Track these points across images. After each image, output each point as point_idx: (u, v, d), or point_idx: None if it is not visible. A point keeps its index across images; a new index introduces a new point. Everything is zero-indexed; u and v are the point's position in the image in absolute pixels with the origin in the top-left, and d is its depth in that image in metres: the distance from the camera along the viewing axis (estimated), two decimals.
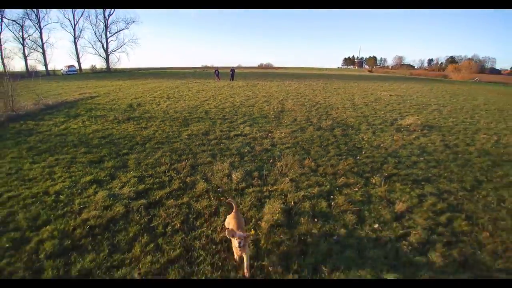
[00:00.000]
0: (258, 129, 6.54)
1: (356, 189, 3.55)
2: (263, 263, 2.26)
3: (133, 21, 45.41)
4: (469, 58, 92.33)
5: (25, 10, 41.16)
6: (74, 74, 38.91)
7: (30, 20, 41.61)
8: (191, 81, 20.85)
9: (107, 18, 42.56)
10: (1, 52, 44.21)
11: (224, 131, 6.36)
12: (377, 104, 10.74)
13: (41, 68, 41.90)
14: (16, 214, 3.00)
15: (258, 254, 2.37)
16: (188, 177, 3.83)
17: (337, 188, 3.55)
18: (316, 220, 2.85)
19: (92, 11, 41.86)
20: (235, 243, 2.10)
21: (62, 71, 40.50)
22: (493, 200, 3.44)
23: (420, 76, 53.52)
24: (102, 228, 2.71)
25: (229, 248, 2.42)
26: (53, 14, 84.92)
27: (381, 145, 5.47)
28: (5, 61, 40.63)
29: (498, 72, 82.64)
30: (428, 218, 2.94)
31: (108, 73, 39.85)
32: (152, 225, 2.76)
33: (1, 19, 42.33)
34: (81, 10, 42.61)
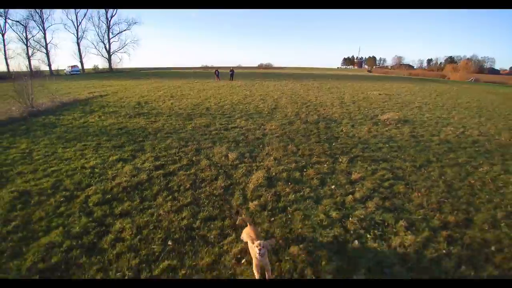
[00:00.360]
0: (252, 122, 7.56)
1: (325, 165, 4.56)
2: (249, 206, 3.28)
3: (135, 22, 46.49)
4: (468, 58, 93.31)
5: (29, 12, 42.27)
6: (77, 74, 40.01)
7: (34, 21, 42.73)
8: (192, 81, 21.89)
9: (109, 19, 43.69)
10: (5, 53, 45.36)
11: (223, 124, 7.38)
12: (364, 102, 11.76)
13: (44, 68, 43.03)
14: (63, 181, 4.01)
15: (245, 201, 3.39)
16: (194, 157, 4.86)
17: (310, 164, 4.56)
18: (289, 183, 3.87)
19: (95, 12, 42.99)
20: (254, 250, 2.02)
21: (65, 71, 41.60)
22: (435, 175, 4.43)
23: (418, 76, 54.50)
24: (132, 188, 3.73)
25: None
26: (57, 16, 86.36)
27: (356, 135, 6.49)
28: (11, 61, 41.78)
29: (497, 72, 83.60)
30: (375, 184, 3.95)
31: (110, 73, 40.96)
32: (169, 185, 3.78)
33: (5, 20, 43.47)
34: (84, 11, 43.73)
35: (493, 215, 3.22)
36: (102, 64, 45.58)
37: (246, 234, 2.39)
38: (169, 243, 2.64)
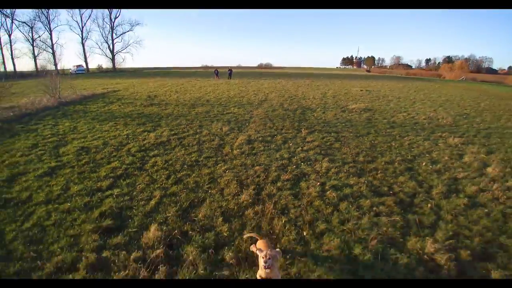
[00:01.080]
0: (243, 110, 9.49)
1: (290, 134, 6.49)
2: (233, 152, 5.21)
3: (138, 24, 48.55)
4: (466, 58, 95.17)
5: (36, 13, 44.33)
6: (82, 73, 42.09)
7: (41, 22, 44.81)
8: (193, 80, 23.86)
9: (113, 20, 45.76)
10: (12, 53, 47.46)
11: (219, 111, 9.32)
12: (343, 96, 13.69)
13: (51, 67, 45.07)
14: (109, 141, 5.93)
15: (232, 150, 5.33)
16: (197, 129, 6.79)
17: (280, 134, 6.49)
18: (262, 142, 5.80)
19: (100, 14, 45.01)
20: (261, 261, 1.95)
21: (71, 70, 43.64)
22: (367, 140, 6.33)
23: (415, 75, 56.46)
24: (157, 144, 5.66)
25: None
26: (63, 17, 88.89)
27: (322, 118, 8.42)
28: (17, 60, 43.73)
29: (495, 71, 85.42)
30: (320, 143, 5.87)
31: (114, 72, 42.95)
32: (182, 143, 5.72)
33: (12, 20, 45.57)
34: (89, 13, 45.79)
35: (393, 159, 5.11)
36: (106, 63, 47.65)
37: (256, 247, 2.21)
38: (185, 166, 4.57)
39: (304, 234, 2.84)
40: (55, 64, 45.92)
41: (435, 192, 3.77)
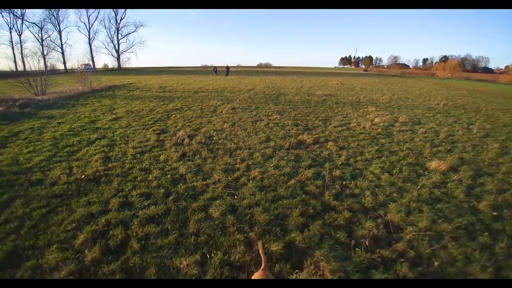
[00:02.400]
0: (233, 94, 12.85)
1: (263, 106, 9.83)
2: (222, 115, 8.57)
3: (142, 25, 52.14)
4: (462, 58, 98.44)
5: (47, 14, 47.83)
6: (91, 71, 45.58)
7: (51, 23, 48.32)
8: (195, 76, 27.26)
9: (118, 22, 49.26)
10: (22, 52, 51.02)
11: (216, 95, 12.67)
12: (317, 87, 17.02)
13: (60, 66, 48.59)
14: (142, 109, 9.26)
15: (221, 114, 8.70)
16: (200, 103, 10.15)
17: (256, 106, 9.84)
18: (242, 110, 9.15)
19: (106, 15, 48.42)
20: None
21: (78, 68, 47.16)
22: (310, 111, 9.65)
23: (410, 74, 59.92)
24: (176, 109, 9.02)
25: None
26: (71, 18, 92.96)
27: (291, 99, 11.75)
28: (27, 59, 47.16)
29: (491, 71, 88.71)
30: (279, 110, 9.20)
31: (120, 71, 46.42)
32: (191, 109, 9.09)
33: (22, 21, 49.14)
34: (96, 14, 49.26)
35: (319, 115, 8.42)
36: (111, 63, 51.11)
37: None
38: (193, 117, 7.91)
39: (249, 131, 6.16)
40: (64, 63, 49.51)
41: (330, 126, 7.10)
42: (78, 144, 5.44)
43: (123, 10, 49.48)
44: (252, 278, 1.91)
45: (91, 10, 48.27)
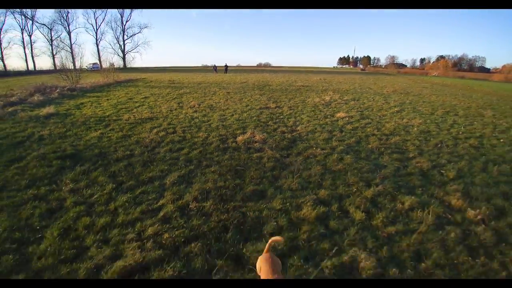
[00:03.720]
0: (229, 84, 16.41)
1: (252, 92, 13.37)
2: (219, 95, 12.12)
3: (146, 26, 55.92)
4: (459, 57, 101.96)
5: (57, 15, 51.56)
6: (97, 69, 49.28)
7: (61, 24, 52.09)
8: (196, 73, 30.87)
9: (124, 23, 53.05)
10: (32, 51, 54.82)
11: (215, 85, 16.23)
12: (300, 81, 20.56)
13: (69, 65, 52.30)
14: (162, 93, 12.81)
15: (219, 94, 12.26)
16: (203, 90, 13.71)
17: (244, 92, 13.38)
18: (234, 93, 12.69)
19: (112, 17, 52.11)
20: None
21: (86, 67, 50.84)
22: (286, 94, 13.17)
23: (406, 73, 63.64)
24: (185, 93, 12.58)
25: None
26: (80, 20, 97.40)
27: (274, 88, 15.29)
28: (33, 58, 50.81)
29: (487, 70, 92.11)
30: (262, 95, 12.73)
31: (126, 69, 50.12)
32: (196, 92, 12.65)
33: (32, 22, 52.94)
34: (102, 16, 52.99)
35: (291, 98, 11.93)
36: (117, 63, 54.84)
37: (260, 266, 1.88)
38: (199, 97, 11.45)
39: (236, 102, 9.68)
40: (73, 62, 53.20)
41: (291, 101, 10.61)
42: (129, 107, 8.98)
43: (128, 12, 53.27)
44: (258, 260, 1.92)
45: (98, 13, 52.07)
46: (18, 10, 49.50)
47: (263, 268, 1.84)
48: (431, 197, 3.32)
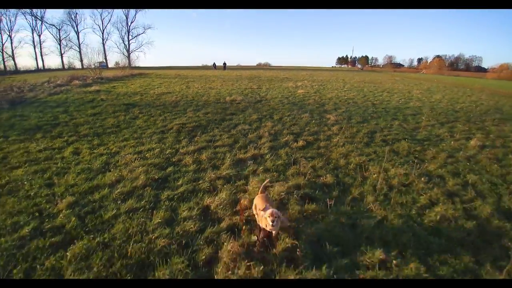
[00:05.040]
0: (226, 77, 20.05)
1: (243, 82, 17.00)
2: (217, 83, 15.75)
3: (149, 27, 59.70)
4: (456, 57, 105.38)
5: (67, 16, 55.26)
6: (104, 68, 53.07)
7: (70, 25, 55.85)
8: (197, 70, 34.58)
9: (129, 24, 56.86)
10: (41, 51, 58.61)
11: (214, 77, 19.88)
12: (287, 76, 24.16)
13: (77, 63, 56.15)
14: (172, 80, 16.46)
15: (217, 82, 15.91)
16: (204, 80, 17.36)
17: (238, 82, 17.01)
18: (229, 83, 16.33)
19: (118, 18, 55.82)
20: (267, 220, 2.10)
21: (94, 65, 54.63)
22: (269, 82, 16.78)
23: (402, 72, 67.32)
24: (192, 81, 16.23)
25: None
26: (88, 21, 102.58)
27: (261, 79, 18.93)
28: (42, 57, 54.47)
29: (484, 70, 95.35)
30: (251, 82, 16.35)
31: (130, 68, 53.91)
32: (199, 81, 16.31)
33: (41, 22, 56.71)
34: (108, 18, 56.80)
35: (273, 85, 15.54)
36: (121, 61, 58.67)
37: (256, 203, 2.39)
38: (203, 83, 15.08)
39: (229, 85, 13.30)
40: (81, 61, 57.04)
41: (271, 85, 14.22)
42: (151, 88, 12.60)
43: (133, 14, 57.09)
44: (254, 199, 2.50)
45: (104, 14, 55.87)
46: (29, 11, 53.22)
47: (258, 204, 2.37)
48: (319, 115, 6.92)
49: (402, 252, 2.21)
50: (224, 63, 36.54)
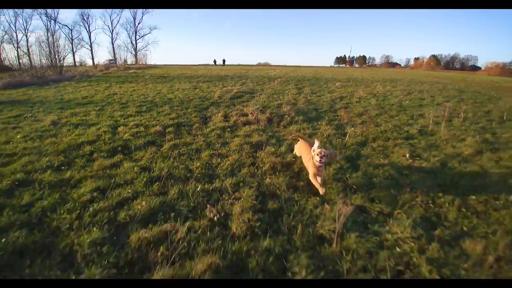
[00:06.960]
0: (224, 73, 24.49)
1: (239, 78, 21.38)
2: (218, 75, 20.15)
3: (155, 28, 64.43)
4: (451, 56, 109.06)
5: (80, 17, 59.73)
6: (114, 65, 57.70)
7: (83, 25, 60.35)
8: (199, 67, 39.08)
9: (136, 25, 61.41)
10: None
11: (215, 72, 24.29)
12: (279, 73, 28.52)
13: (89, 61, 60.78)
14: (183, 70, 20.90)
15: (217, 74, 20.32)
16: (206, 72, 21.78)
17: (234, 76, 21.43)
18: (227, 76, 20.73)
19: (126, 20, 60.20)
20: (315, 158, 2.32)
21: (104, 63, 59.23)
22: (262, 78, 21.14)
23: (397, 71, 71.61)
24: (199, 75, 20.65)
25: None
26: (99, 22, 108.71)
27: (254, 75, 23.31)
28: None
29: (479, 69, 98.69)
30: (241, 74, 20.72)
31: (138, 65, 58.48)
32: (203, 73, 20.73)
33: (55, 23, 61.15)
34: (118, 19, 61.34)
35: (262, 80, 19.91)
36: (129, 59, 63.24)
37: (299, 148, 2.81)
38: (205, 74, 19.48)
39: (228, 77, 17.67)
40: (92, 59, 61.64)
41: (260, 76, 18.59)
42: (170, 73, 17.02)
43: (140, 15, 61.64)
44: (296, 146, 2.99)
45: (113, 16, 60.43)
46: (43, 11, 57.62)
47: (302, 148, 2.86)
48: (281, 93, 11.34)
49: None
50: (223, 60, 41.02)
